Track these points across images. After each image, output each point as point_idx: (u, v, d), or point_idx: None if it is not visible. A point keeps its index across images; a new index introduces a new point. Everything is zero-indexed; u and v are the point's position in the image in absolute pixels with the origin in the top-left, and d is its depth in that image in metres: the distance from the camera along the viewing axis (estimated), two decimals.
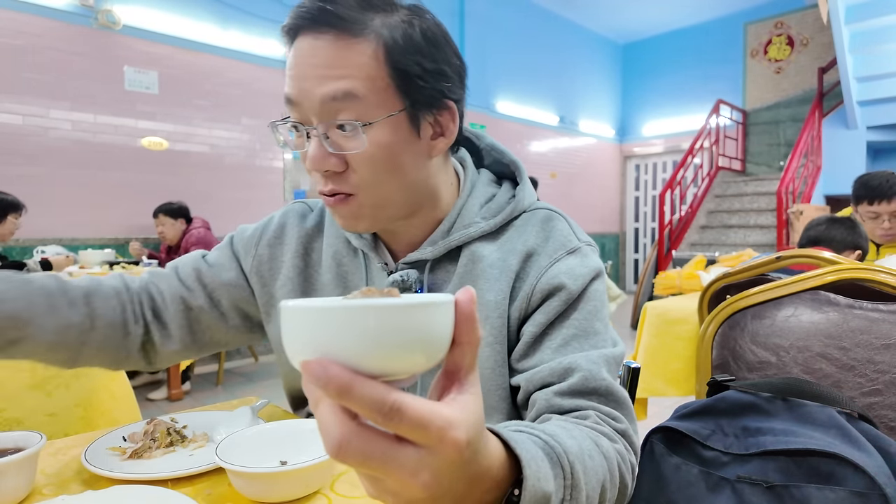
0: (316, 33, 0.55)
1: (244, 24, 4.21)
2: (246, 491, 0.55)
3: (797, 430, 0.54)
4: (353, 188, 0.58)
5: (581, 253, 0.64)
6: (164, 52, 3.83)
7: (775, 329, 0.79)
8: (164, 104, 3.84)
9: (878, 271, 0.74)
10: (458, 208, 0.66)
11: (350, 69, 0.54)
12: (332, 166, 0.57)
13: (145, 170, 3.78)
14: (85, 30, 3.52)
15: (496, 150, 0.73)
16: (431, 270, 0.67)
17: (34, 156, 3.36)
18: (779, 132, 6.75)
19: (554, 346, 0.60)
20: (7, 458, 0.54)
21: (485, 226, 0.66)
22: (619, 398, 0.57)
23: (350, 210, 0.59)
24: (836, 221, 1.83)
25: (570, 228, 0.67)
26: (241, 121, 4.21)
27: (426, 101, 0.58)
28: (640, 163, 8.16)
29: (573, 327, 0.60)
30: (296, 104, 0.57)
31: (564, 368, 0.57)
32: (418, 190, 0.62)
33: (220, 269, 0.75)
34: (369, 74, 0.55)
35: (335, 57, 0.54)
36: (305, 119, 0.57)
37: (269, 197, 4.41)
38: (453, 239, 0.65)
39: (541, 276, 0.62)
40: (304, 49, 0.55)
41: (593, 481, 0.42)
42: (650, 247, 7.73)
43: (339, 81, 0.54)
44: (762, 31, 6.85)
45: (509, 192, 0.70)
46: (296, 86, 0.56)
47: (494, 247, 0.66)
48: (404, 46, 0.56)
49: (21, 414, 1.17)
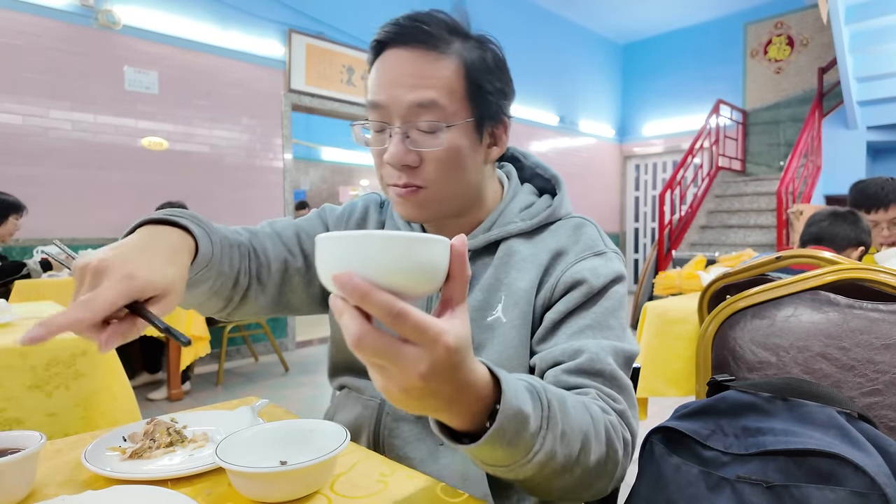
0: (407, 47, 0.65)
1: (244, 25, 4.21)
2: (246, 491, 0.55)
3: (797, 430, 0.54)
4: (424, 182, 0.66)
5: (606, 257, 0.71)
6: (165, 52, 3.83)
7: (775, 329, 0.79)
8: (164, 104, 3.84)
9: (878, 271, 0.74)
10: (500, 210, 0.75)
11: (436, 80, 0.64)
12: (411, 161, 0.65)
13: (145, 170, 3.78)
14: (85, 30, 3.52)
15: (540, 167, 0.84)
16: (470, 261, 0.73)
17: (34, 156, 3.36)
18: (779, 132, 6.75)
19: (569, 332, 0.66)
20: (7, 458, 0.54)
21: (522, 225, 0.74)
22: (621, 383, 0.62)
23: (418, 200, 0.67)
24: (839, 216, 1.80)
25: (599, 235, 0.74)
26: (241, 121, 4.21)
27: (490, 114, 0.69)
28: (640, 163, 8.17)
29: (589, 318, 0.66)
30: (382, 107, 0.65)
31: (574, 350, 0.63)
32: (472, 190, 0.72)
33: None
34: (450, 87, 0.65)
35: (425, 69, 0.64)
36: (388, 120, 0.66)
37: (269, 197, 4.41)
38: (492, 234, 0.73)
39: (566, 271, 0.69)
40: (396, 60, 0.65)
41: (573, 425, 0.49)
42: (650, 247, 7.73)
43: (427, 90, 0.63)
44: (762, 31, 6.85)
45: (547, 202, 0.78)
46: (385, 91, 0.65)
47: (529, 245, 0.73)
48: (479, 67, 0.67)
49: (21, 414, 1.17)
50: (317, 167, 8.58)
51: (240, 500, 0.55)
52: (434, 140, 0.65)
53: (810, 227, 1.84)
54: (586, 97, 7.48)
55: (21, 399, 1.17)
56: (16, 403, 1.17)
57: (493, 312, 0.70)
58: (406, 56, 0.65)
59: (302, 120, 6.71)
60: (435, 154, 0.65)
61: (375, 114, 0.66)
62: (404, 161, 0.65)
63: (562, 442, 0.47)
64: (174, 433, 0.69)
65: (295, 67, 4.44)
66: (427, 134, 0.64)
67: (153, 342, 3.39)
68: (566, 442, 0.47)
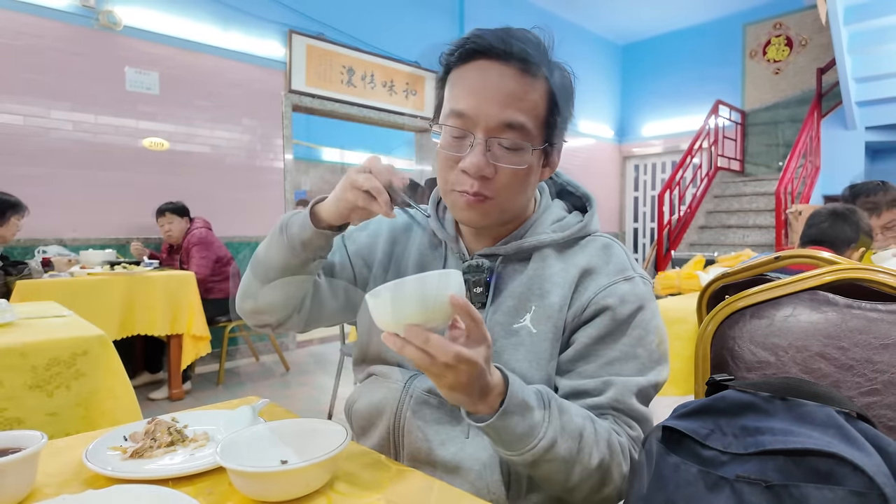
0: (505, 63, 0.66)
1: (245, 25, 4.22)
2: (246, 490, 0.55)
3: (796, 430, 0.55)
4: (493, 193, 0.69)
5: (634, 282, 0.74)
6: (165, 52, 3.84)
7: (774, 329, 0.79)
8: (165, 105, 3.84)
9: (876, 271, 0.74)
10: (533, 221, 0.78)
11: (527, 102, 0.67)
12: (488, 173, 0.68)
13: (146, 170, 3.78)
14: (86, 30, 3.52)
15: (571, 185, 0.86)
16: (502, 265, 0.78)
17: (35, 156, 3.36)
18: (778, 133, 6.75)
19: (599, 363, 0.70)
20: (7, 458, 0.54)
21: (555, 236, 0.76)
22: (638, 415, 0.69)
23: (485, 209, 0.71)
24: (839, 217, 1.78)
25: (627, 258, 0.77)
26: (241, 121, 4.22)
27: (557, 137, 0.73)
28: (639, 163, 8.17)
29: (618, 350, 0.70)
30: (468, 117, 0.67)
31: (602, 383, 0.69)
32: (525, 204, 0.77)
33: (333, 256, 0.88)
34: (537, 110, 0.68)
35: (519, 90, 0.66)
36: (472, 129, 0.67)
37: (270, 197, 4.42)
38: (525, 242, 0.76)
39: (598, 293, 0.72)
40: (491, 73, 0.67)
41: (572, 425, 0.62)
42: (649, 247, 7.73)
43: (518, 112, 0.66)
44: (761, 31, 6.86)
45: (578, 217, 0.80)
46: (475, 102, 0.66)
47: (560, 259, 0.76)
48: (562, 94, 0.70)
49: (22, 414, 1.17)
50: (317, 167, 8.58)
51: (240, 500, 0.56)
52: (515, 158, 0.68)
53: (810, 228, 1.83)
54: (585, 98, 7.47)
55: (22, 399, 1.18)
56: (17, 403, 1.17)
57: (521, 320, 0.73)
58: (503, 72, 0.66)
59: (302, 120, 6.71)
60: (509, 170, 0.68)
61: (459, 121, 0.68)
62: (483, 172, 0.67)
63: (562, 435, 0.59)
64: (175, 433, 0.69)
65: (295, 68, 4.44)
66: (508, 150, 0.67)
67: (154, 342, 3.39)
68: (566, 436, 0.60)
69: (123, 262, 3.06)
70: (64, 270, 2.85)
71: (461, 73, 0.69)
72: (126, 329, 2.76)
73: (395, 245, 0.86)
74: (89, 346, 1.28)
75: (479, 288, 0.76)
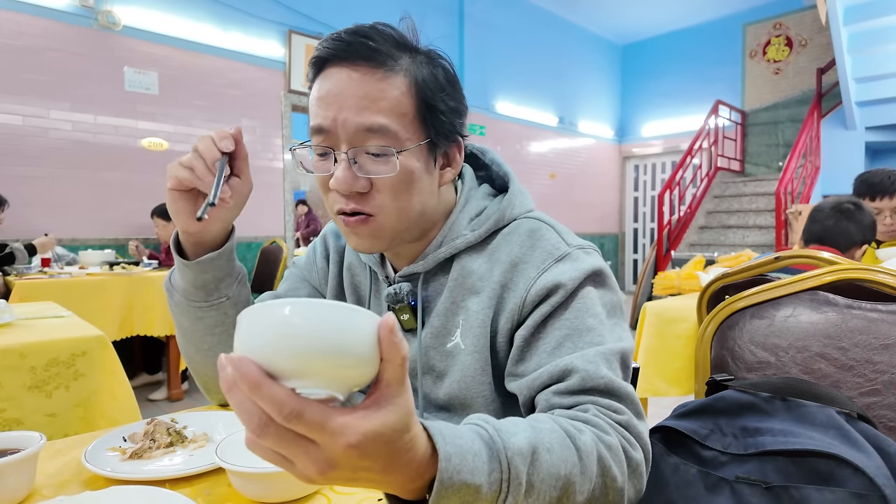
0: (352, 65, 0.59)
1: (244, 25, 4.21)
2: (245, 491, 0.55)
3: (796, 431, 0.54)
4: (375, 209, 0.62)
5: (571, 258, 0.64)
6: (165, 52, 3.83)
7: (774, 329, 0.79)
8: (164, 105, 3.84)
9: (876, 272, 0.74)
10: (450, 223, 0.70)
11: (386, 101, 0.59)
12: (360, 188, 0.61)
13: (145, 170, 3.78)
14: (85, 30, 3.52)
15: (495, 163, 0.77)
16: (425, 283, 0.71)
17: (34, 156, 3.36)
18: (777, 133, 6.76)
19: (548, 348, 0.60)
20: (6, 459, 0.54)
21: (471, 237, 0.68)
22: (620, 392, 0.56)
23: (370, 230, 0.63)
24: (843, 213, 1.74)
25: (559, 236, 0.67)
26: (240, 121, 4.21)
27: (444, 135, 0.64)
28: (639, 163, 8.17)
29: (564, 328, 0.60)
30: (326, 132, 0.60)
31: (561, 370, 0.57)
32: (427, 215, 0.67)
33: (297, 291, 0.83)
34: (401, 107, 0.60)
35: (372, 89, 0.59)
36: (333, 144, 0.61)
37: (269, 197, 4.41)
38: (441, 252, 0.68)
39: (530, 287, 0.63)
40: (339, 79, 0.59)
41: (547, 474, 0.44)
42: (649, 247, 7.73)
43: (375, 113, 0.59)
44: (761, 31, 6.86)
45: (497, 204, 0.71)
46: (330, 115, 0.59)
47: (483, 258, 0.68)
48: (431, 85, 0.62)
49: (21, 414, 1.17)
50: None
51: (240, 500, 0.56)
52: (384, 166, 0.60)
53: (813, 224, 1.78)
54: (585, 98, 7.48)
55: (21, 399, 1.17)
56: (16, 404, 1.17)
57: (452, 338, 0.67)
58: (350, 75, 0.59)
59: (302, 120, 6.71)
60: (385, 180, 0.60)
61: (319, 138, 0.61)
62: (353, 188, 0.60)
63: (528, 498, 0.43)
64: (174, 433, 0.69)
65: (295, 68, 4.44)
66: (377, 158, 0.60)
67: (153, 343, 3.39)
68: (536, 496, 0.43)
69: (122, 263, 3.05)
70: (46, 252, 2.82)
71: (315, 87, 0.62)
72: (125, 329, 2.76)
73: (340, 264, 0.81)
74: (88, 347, 1.28)
75: (405, 315, 0.70)
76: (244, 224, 4.26)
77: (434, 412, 0.70)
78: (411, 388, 0.76)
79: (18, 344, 1.19)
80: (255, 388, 0.30)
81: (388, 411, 0.33)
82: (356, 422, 0.32)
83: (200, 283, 0.67)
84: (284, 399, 0.30)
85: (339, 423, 0.32)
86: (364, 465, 0.33)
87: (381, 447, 0.33)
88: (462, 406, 0.67)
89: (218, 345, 0.70)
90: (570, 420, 0.50)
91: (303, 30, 4.50)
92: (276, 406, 0.30)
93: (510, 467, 0.41)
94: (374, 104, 0.59)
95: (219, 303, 0.68)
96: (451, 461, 0.38)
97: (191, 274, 0.66)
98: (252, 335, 0.31)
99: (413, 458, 0.36)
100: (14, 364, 1.17)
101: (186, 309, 0.68)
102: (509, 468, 0.41)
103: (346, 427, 0.32)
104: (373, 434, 0.33)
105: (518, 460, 0.42)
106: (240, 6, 4.17)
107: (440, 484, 0.37)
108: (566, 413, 0.53)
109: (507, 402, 0.67)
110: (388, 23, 0.63)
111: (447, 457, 0.38)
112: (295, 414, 0.30)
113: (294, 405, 0.30)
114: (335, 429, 0.31)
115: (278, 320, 0.30)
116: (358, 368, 0.32)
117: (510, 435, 0.43)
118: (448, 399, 0.68)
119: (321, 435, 0.31)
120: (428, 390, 0.70)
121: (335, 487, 0.58)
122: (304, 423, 0.31)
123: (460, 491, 0.38)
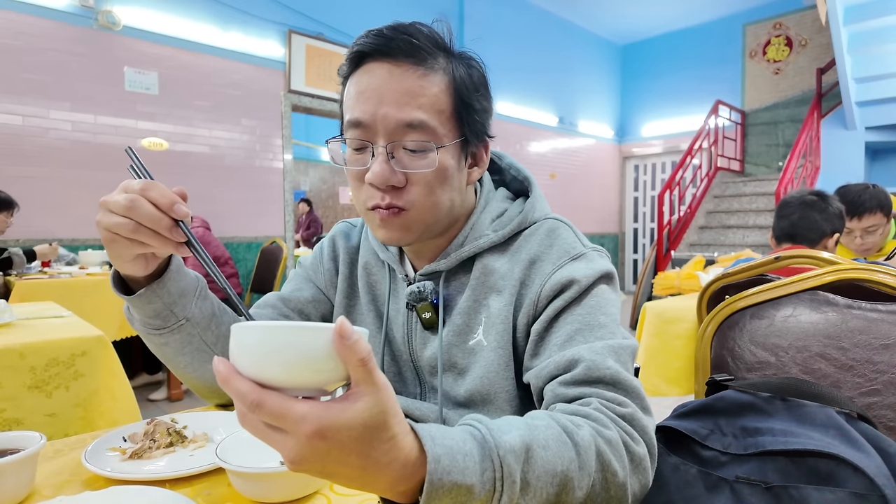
0: (393, 61, 0.61)
1: (244, 25, 4.21)
2: (245, 491, 0.55)
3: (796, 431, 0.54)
4: (408, 203, 0.63)
5: (586, 258, 0.66)
6: (165, 52, 3.83)
7: (774, 329, 0.79)
8: (164, 105, 3.84)
9: (876, 271, 0.74)
10: (472, 223, 0.71)
11: (426, 98, 0.61)
12: (396, 182, 0.62)
13: None
14: (85, 30, 3.52)
15: (514, 167, 0.78)
16: (446, 281, 0.72)
17: (34, 156, 3.36)
18: (777, 133, 6.76)
19: (559, 341, 0.61)
20: (6, 459, 0.54)
21: (494, 237, 0.70)
22: (626, 385, 0.56)
23: (402, 223, 0.64)
24: (808, 205, 1.71)
25: (576, 236, 0.70)
26: (241, 121, 4.21)
27: (476, 134, 0.67)
28: (639, 163, 8.17)
29: (576, 322, 0.62)
30: (365, 125, 0.61)
31: (569, 360, 0.58)
32: (454, 211, 0.69)
33: (301, 291, 0.82)
34: (440, 104, 0.62)
35: (413, 85, 0.60)
36: (371, 138, 0.62)
37: (269, 197, 4.42)
38: (465, 251, 0.70)
39: (545, 283, 0.65)
40: (381, 75, 0.61)
41: (542, 471, 0.44)
42: (649, 247, 7.73)
43: (416, 109, 0.60)
44: (761, 31, 6.86)
45: (519, 207, 0.74)
46: (369, 109, 0.60)
47: (504, 258, 0.70)
48: (467, 84, 0.65)
49: (21, 414, 1.17)
50: (317, 167, 8.57)
51: (240, 501, 0.56)
52: (422, 161, 0.62)
53: (781, 220, 1.75)
54: (585, 98, 7.48)
55: (21, 399, 1.17)
56: (15, 404, 1.17)
57: (474, 336, 0.68)
58: (392, 70, 0.60)
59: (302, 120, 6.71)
60: (421, 175, 0.62)
61: (357, 131, 0.62)
62: (390, 181, 0.61)
63: (524, 496, 0.42)
64: (174, 433, 0.69)
65: (295, 68, 4.44)
66: (414, 154, 0.61)
67: None
68: (533, 493, 0.43)
69: None
70: (48, 259, 2.82)
71: (352, 81, 0.63)
72: (125, 329, 2.76)
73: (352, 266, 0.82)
74: (88, 347, 1.28)
75: (427, 314, 0.70)
76: (244, 224, 4.26)
77: (454, 409, 0.71)
78: (423, 386, 0.76)
79: (18, 344, 1.19)
80: (225, 383, 0.35)
81: (356, 408, 0.34)
82: (317, 412, 0.34)
83: (152, 312, 0.65)
84: (246, 391, 0.34)
85: (300, 413, 0.33)
86: (333, 458, 0.34)
87: (351, 442, 0.34)
88: (484, 402, 0.68)
89: (192, 362, 0.70)
90: (568, 415, 0.51)
91: (303, 30, 4.50)
92: (240, 397, 0.34)
93: (503, 466, 0.41)
94: (415, 100, 0.60)
95: (178, 326, 0.67)
96: (440, 462, 0.38)
97: (139, 304, 0.64)
98: (235, 354, 0.36)
99: (395, 458, 0.36)
100: (14, 364, 1.17)
101: (149, 337, 0.68)
102: (502, 467, 0.41)
103: (307, 415, 0.33)
104: (337, 425, 0.34)
105: (511, 458, 0.42)
106: (240, 6, 4.17)
107: (430, 485, 0.37)
108: (566, 408, 0.53)
109: (528, 396, 0.67)
110: (425, 23, 0.65)
111: (436, 458, 0.38)
112: (256, 403, 0.33)
113: (254, 396, 0.34)
114: (296, 417, 0.33)
115: (247, 345, 0.35)
116: (323, 374, 0.35)
117: (503, 433, 0.43)
118: (469, 395, 0.68)
119: (284, 423, 0.34)
120: (448, 388, 0.71)
121: (335, 488, 0.58)
122: (265, 412, 0.34)
123: (452, 492, 0.38)
